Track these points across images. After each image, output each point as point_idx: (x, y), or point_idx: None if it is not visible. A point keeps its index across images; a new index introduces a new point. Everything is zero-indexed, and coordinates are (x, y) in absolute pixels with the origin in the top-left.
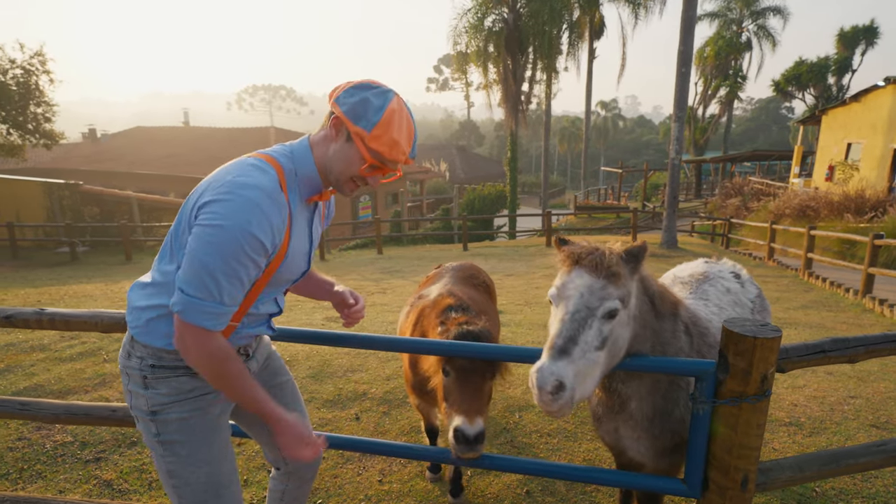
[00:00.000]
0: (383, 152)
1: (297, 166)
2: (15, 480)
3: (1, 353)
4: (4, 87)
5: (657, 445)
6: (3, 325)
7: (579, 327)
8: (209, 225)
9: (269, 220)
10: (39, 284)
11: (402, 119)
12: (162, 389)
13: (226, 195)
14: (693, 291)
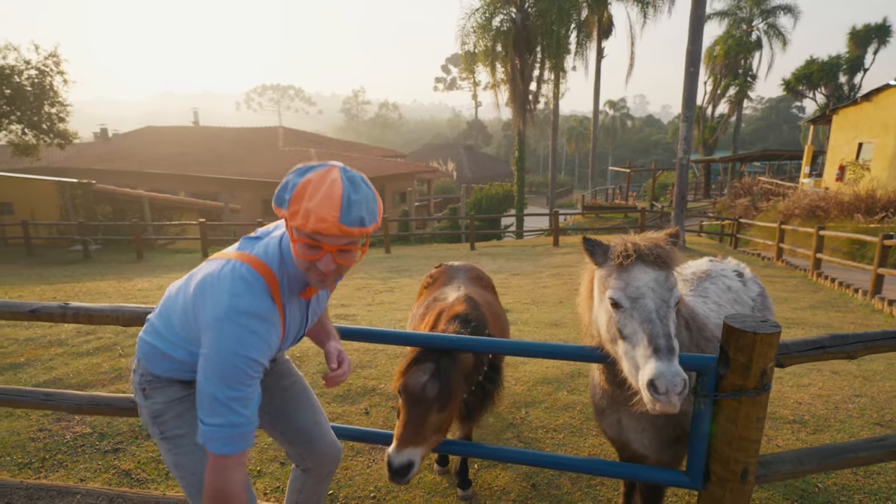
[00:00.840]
0: (303, 226)
1: (286, 265)
2: (38, 469)
3: (21, 347)
4: (20, 87)
5: (661, 437)
6: (29, 318)
7: (667, 322)
8: (212, 357)
9: (266, 341)
10: (54, 282)
11: (319, 186)
12: (158, 398)
13: (224, 323)
14: (693, 288)
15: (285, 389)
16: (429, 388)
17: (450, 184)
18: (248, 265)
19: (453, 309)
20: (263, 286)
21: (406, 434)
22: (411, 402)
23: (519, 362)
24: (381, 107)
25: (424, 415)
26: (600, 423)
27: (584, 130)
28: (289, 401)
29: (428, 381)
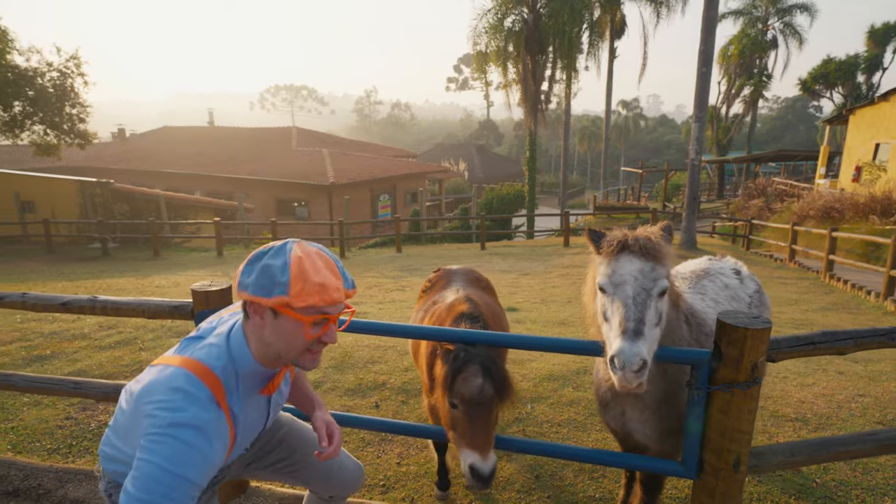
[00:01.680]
0: (316, 303)
1: (237, 366)
2: (65, 454)
3: (46, 340)
4: (42, 89)
5: (662, 427)
6: (60, 311)
7: (643, 308)
8: (142, 470)
9: (205, 456)
10: (74, 278)
11: (312, 260)
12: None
13: (161, 437)
14: (691, 286)
15: (281, 441)
16: (486, 388)
17: (461, 184)
18: (187, 371)
19: (456, 308)
20: (206, 394)
21: (483, 440)
22: (474, 407)
23: (525, 359)
24: (393, 107)
25: (489, 415)
26: (604, 415)
27: (596, 130)
28: (288, 451)
29: (483, 383)
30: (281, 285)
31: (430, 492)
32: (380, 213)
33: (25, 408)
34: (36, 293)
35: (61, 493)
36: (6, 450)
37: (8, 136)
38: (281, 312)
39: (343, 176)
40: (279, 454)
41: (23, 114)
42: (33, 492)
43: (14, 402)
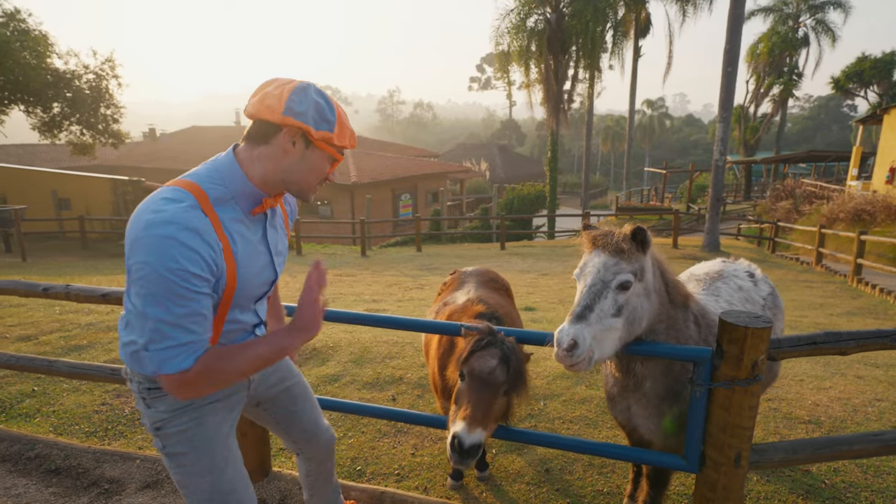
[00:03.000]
0: (346, 145)
1: (227, 185)
2: (102, 437)
3: (83, 331)
4: (79, 91)
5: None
6: (99, 301)
7: (595, 297)
8: (138, 277)
9: (192, 248)
10: (108, 273)
11: (346, 122)
12: (160, 406)
13: (142, 239)
14: (705, 288)
15: (287, 391)
16: (498, 372)
17: (482, 184)
18: (166, 186)
19: (472, 310)
20: (191, 200)
21: (476, 415)
22: (480, 384)
23: (540, 357)
24: (415, 107)
25: (492, 398)
26: (612, 409)
27: (619, 130)
28: (291, 403)
29: (497, 366)
30: (329, 123)
31: (443, 481)
32: (401, 212)
33: (65, 394)
34: (78, 285)
35: (98, 473)
36: (48, 431)
37: (47, 135)
38: (316, 146)
39: (365, 175)
40: (284, 402)
41: (61, 115)
42: (73, 470)
43: (55, 388)
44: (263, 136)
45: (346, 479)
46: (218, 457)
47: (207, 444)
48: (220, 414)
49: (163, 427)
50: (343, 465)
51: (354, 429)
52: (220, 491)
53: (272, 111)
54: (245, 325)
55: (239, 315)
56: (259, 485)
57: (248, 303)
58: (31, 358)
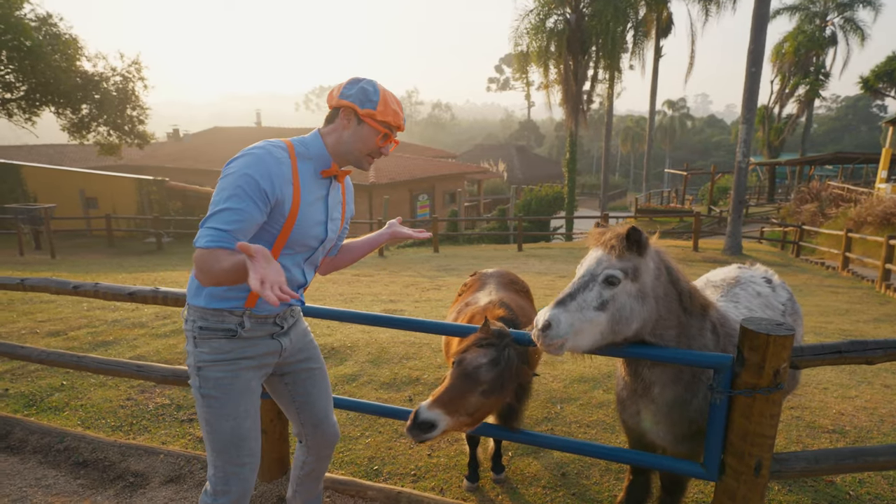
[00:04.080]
0: (390, 121)
1: (308, 147)
2: (127, 432)
3: (109, 328)
4: (107, 93)
5: (675, 431)
6: (126, 300)
7: (581, 288)
8: (224, 177)
9: (266, 167)
10: (133, 270)
11: (390, 95)
12: (205, 349)
13: (239, 156)
14: (724, 294)
15: (311, 373)
16: (483, 371)
17: (500, 184)
18: (275, 139)
19: (494, 313)
20: (282, 146)
21: (443, 396)
22: (461, 375)
23: (558, 360)
24: (434, 107)
25: (467, 392)
26: (621, 413)
27: (640, 131)
28: (311, 385)
29: (485, 365)
30: (372, 102)
31: (459, 483)
32: (418, 213)
33: (92, 388)
34: (106, 283)
35: (124, 466)
36: (76, 424)
37: (76, 136)
38: (365, 121)
39: (383, 176)
40: (305, 381)
41: (89, 116)
42: (100, 463)
43: (83, 383)
44: (331, 117)
45: (362, 477)
46: (242, 407)
47: (237, 394)
48: (252, 372)
49: (203, 369)
50: (360, 464)
51: (371, 428)
52: (238, 436)
53: (332, 97)
54: (291, 281)
55: (288, 262)
56: (278, 481)
57: (299, 251)
58: (61, 353)
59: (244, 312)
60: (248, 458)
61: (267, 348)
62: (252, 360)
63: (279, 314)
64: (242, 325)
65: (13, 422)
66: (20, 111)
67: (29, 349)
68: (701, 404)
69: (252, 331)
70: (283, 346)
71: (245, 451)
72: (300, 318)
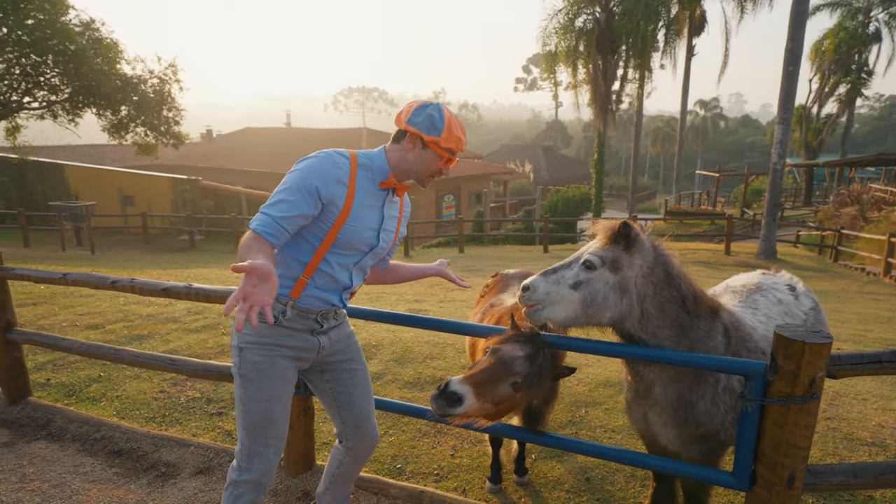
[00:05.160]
0: (452, 147)
1: (372, 160)
2: (160, 423)
3: (144, 322)
4: (144, 94)
5: (684, 433)
6: (161, 295)
7: (564, 266)
8: (287, 176)
9: (322, 170)
10: (167, 267)
11: (455, 121)
12: (248, 330)
13: (304, 158)
14: (742, 300)
15: (352, 373)
16: (518, 364)
17: (527, 185)
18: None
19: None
20: (345, 154)
21: (476, 376)
22: (496, 362)
23: (582, 363)
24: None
25: (499, 379)
26: (629, 417)
27: (670, 132)
28: (352, 385)
29: (520, 358)
30: (437, 130)
31: (482, 484)
32: (444, 213)
33: (127, 380)
34: (142, 279)
35: (156, 456)
36: (112, 415)
37: (115, 137)
38: (429, 147)
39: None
40: (346, 381)
41: (128, 117)
42: (134, 453)
43: (118, 375)
44: (398, 137)
45: (385, 475)
46: (275, 392)
47: (271, 379)
48: (288, 361)
49: (244, 350)
50: (383, 461)
51: (395, 427)
52: (268, 417)
53: (400, 121)
54: (337, 281)
55: (337, 262)
56: (303, 476)
57: (349, 253)
58: (100, 346)
59: (288, 301)
60: (274, 441)
61: (305, 343)
62: (290, 349)
63: (321, 312)
64: (284, 314)
65: (54, 410)
66: (64, 113)
67: (70, 341)
68: (709, 407)
69: (292, 322)
70: (321, 343)
71: (272, 434)
72: (345, 322)
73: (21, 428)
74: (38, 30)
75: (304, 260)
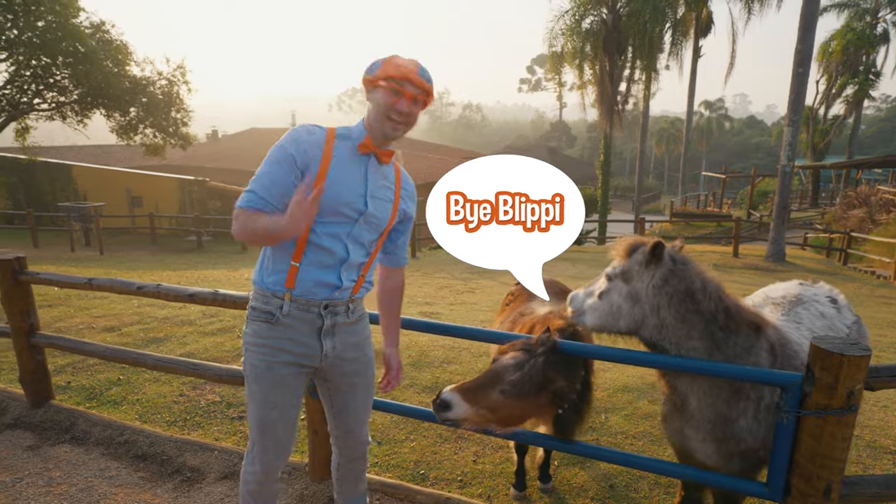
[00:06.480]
0: (392, 74)
1: (351, 130)
2: (182, 427)
3: (160, 324)
4: (153, 96)
5: (722, 450)
6: (187, 301)
7: (596, 279)
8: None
9: (296, 136)
10: (176, 268)
11: (397, 59)
12: (249, 330)
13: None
14: (785, 313)
15: (354, 387)
16: (507, 372)
17: None
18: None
19: (552, 324)
20: (321, 127)
21: (465, 385)
22: (488, 371)
23: (599, 369)
24: (464, 108)
25: (487, 386)
26: (665, 430)
27: (675, 132)
28: (350, 398)
29: (511, 367)
30: (377, 66)
31: (506, 491)
32: None
33: (147, 384)
34: (167, 285)
35: (181, 461)
36: (134, 418)
37: (124, 137)
38: (376, 86)
39: (415, 177)
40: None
41: (136, 118)
42: (158, 457)
43: (138, 378)
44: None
45: (409, 481)
46: (270, 398)
47: (268, 385)
48: (287, 368)
49: (246, 349)
50: (406, 467)
51: (416, 432)
52: (263, 422)
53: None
54: (331, 254)
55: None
56: (328, 482)
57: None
58: (123, 350)
59: (284, 294)
60: (272, 445)
61: (307, 349)
62: (289, 354)
63: (324, 303)
64: (282, 308)
65: (77, 414)
66: (73, 114)
67: (93, 345)
68: (751, 424)
69: (293, 318)
70: (324, 349)
71: (269, 438)
72: (357, 328)
73: (45, 431)
74: (49, 32)
75: (293, 244)
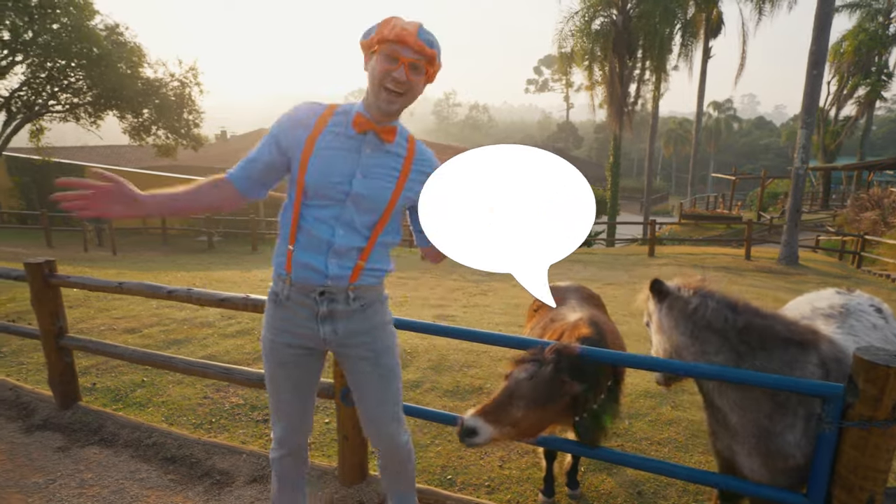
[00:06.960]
0: (387, 35)
1: (352, 107)
2: (208, 430)
3: (179, 326)
4: (165, 97)
5: (769, 465)
6: (218, 306)
7: None
8: None
9: (286, 116)
10: (189, 269)
11: (393, 19)
12: (266, 310)
13: None
14: (840, 325)
15: (362, 374)
16: (521, 385)
17: None
18: None
19: (579, 331)
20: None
21: (487, 407)
22: (503, 388)
23: None
24: (471, 109)
25: (506, 404)
26: (713, 444)
27: (683, 133)
28: (361, 383)
29: (523, 379)
30: (373, 30)
31: (534, 497)
32: None
33: (171, 385)
34: (198, 289)
35: (210, 464)
36: (161, 420)
37: (136, 139)
38: (371, 52)
39: None
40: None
41: (149, 120)
42: (187, 460)
43: (161, 380)
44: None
45: (437, 486)
46: (274, 375)
47: (272, 363)
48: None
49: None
50: (433, 472)
51: (440, 437)
52: (273, 398)
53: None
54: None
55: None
56: (358, 487)
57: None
58: (151, 353)
59: (286, 277)
60: (283, 419)
61: (306, 330)
62: (289, 335)
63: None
64: (284, 291)
65: (105, 416)
66: (87, 115)
67: (122, 348)
68: (799, 440)
69: (294, 301)
70: (322, 333)
71: (280, 414)
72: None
73: (74, 433)
74: (64, 34)
75: (289, 226)
